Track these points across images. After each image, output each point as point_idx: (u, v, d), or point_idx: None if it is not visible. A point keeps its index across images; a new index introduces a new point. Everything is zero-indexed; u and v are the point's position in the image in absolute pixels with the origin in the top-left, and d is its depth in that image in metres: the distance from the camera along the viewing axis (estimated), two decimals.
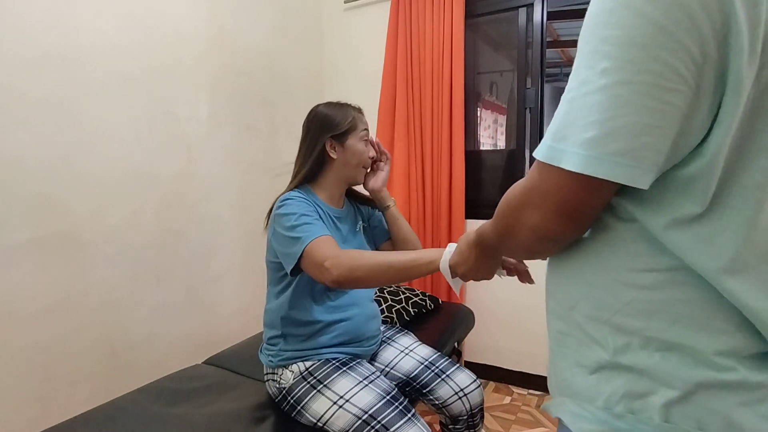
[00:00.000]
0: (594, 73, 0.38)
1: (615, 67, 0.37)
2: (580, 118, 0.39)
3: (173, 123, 1.63)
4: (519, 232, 0.48)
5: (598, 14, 0.39)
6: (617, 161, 0.37)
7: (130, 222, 1.50)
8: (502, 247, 0.59)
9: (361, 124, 1.15)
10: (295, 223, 1.00)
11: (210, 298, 1.81)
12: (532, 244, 0.49)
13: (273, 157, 2.09)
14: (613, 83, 0.37)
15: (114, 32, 1.42)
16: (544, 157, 0.42)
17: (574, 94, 0.40)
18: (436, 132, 2.09)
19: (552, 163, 0.41)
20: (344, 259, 0.91)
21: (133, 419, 1.06)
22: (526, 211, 0.46)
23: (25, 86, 1.21)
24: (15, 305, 1.22)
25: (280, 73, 2.14)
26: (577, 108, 0.39)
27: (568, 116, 0.40)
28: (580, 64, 0.40)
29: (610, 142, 0.37)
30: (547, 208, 0.44)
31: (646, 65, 0.36)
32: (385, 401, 1.00)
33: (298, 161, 1.16)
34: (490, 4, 2.10)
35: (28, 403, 1.25)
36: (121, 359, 1.48)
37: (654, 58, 0.35)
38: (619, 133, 0.37)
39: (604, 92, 0.37)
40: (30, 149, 1.23)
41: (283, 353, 1.11)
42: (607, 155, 0.38)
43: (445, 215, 2.10)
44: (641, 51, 0.36)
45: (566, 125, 0.40)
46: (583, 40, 0.40)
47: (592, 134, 0.38)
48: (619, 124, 0.37)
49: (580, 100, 0.39)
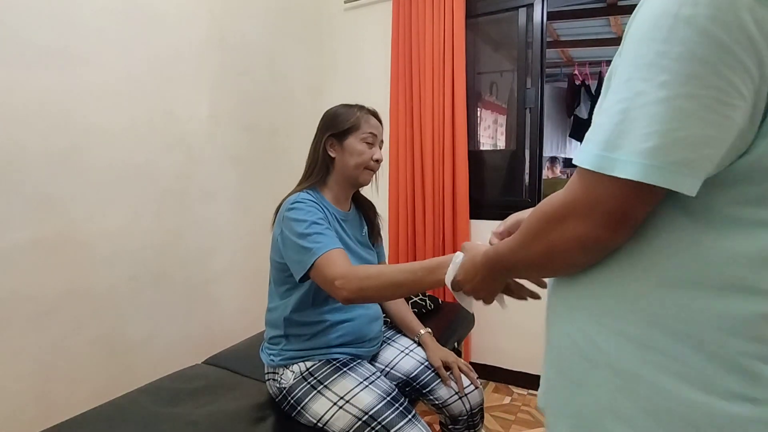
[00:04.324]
0: (652, 86, 0.39)
1: (676, 81, 0.38)
2: (639, 128, 0.39)
3: (173, 123, 1.63)
4: (561, 244, 0.47)
5: (653, 30, 0.39)
6: (677, 171, 0.38)
7: (130, 222, 1.50)
8: (532, 264, 0.55)
9: (366, 125, 1.13)
10: (306, 231, 0.99)
11: (210, 298, 1.81)
12: (575, 255, 0.48)
13: (273, 157, 2.09)
14: (676, 96, 0.38)
15: (114, 32, 1.42)
16: (594, 166, 0.42)
17: (628, 104, 0.40)
18: (437, 132, 2.09)
19: (604, 172, 0.41)
20: (354, 279, 0.89)
21: (133, 419, 1.06)
22: (570, 222, 0.45)
23: (25, 86, 1.21)
24: (15, 305, 1.22)
25: (280, 73, 2.14)
26: (633, 118, 0.40)
27: (622, 125, 0.40)
28: (632, 75, 0.40)
29: (672, 152, 0.38)
30: (595, 217, 0.44)
31: (709, 80, 0.37)
32: (385, 402, 1.00)
33: (307, 161, 1.17)
34: (490, 4, 2.10)
35: (28, 403, 1.25)
36: (121, 359, 1.48)
37: (717, 74, 0.37)
38: (682, 144, 0.38)
39: (665, 104, 0.38)
40: (30, 149, 1.23)
41: (285, 353, 1.11)
42: (668, 164, 0.38)
43: (449, 216, 2.09)
44: (704, 67, 0.37)
45: (620, 135, 0.41)
46: (633, 53, 0.41)
47: (652, 144, 0.39)
48: (682, 135, 0.38)
49: (637, 110, 0.40)
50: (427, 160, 2.12)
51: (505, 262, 0.59)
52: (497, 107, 2.39)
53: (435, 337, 1.28)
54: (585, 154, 0.43)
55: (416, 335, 1.28)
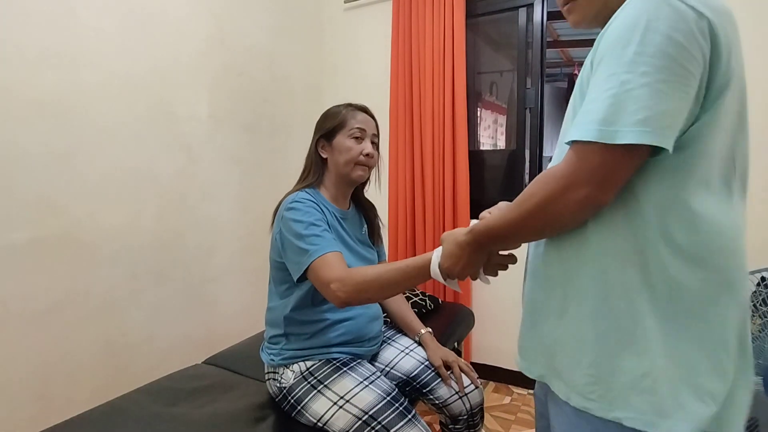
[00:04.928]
0: (635, 76, 0.52)
1: (653, 71, 0.52)
2: (630, 107, 0.52)
3: (173, 123, 1.63)
4: (563, 208, 0.57)
5: (628, 37, 0.53)
6: (663, 133, 0.52)
7: (130, 222, 1.50)
8: (527, 228, 0.63)
9: (353, 121, 1.12)
10: (304, 232, 1.00)
11: (210, 298, 1.81)
12: (576, 216, 0.58)
13: (273, 157, 2.09)
14: (655, 81, 0.51)
15: (114, 32, 1.42)
16: (597, 137, 0.53)
17: (616, 91, 0.53)
18: (437, 132, 2.09)
19: (606, 141, 0.52)
20: (351, 282, 0.91)
21: (133, 419, 1.06)
22: (572, 190, 0.55)
23: (25, 86, 1.21)
24: (15, 305, 1.22)
25: (280, 73, 2.14)
26: (623, 100, 0.52)
27: (615, 106, 0.53)
28: (616, 71, 0.53)
29: (658, 120, 0.51)
30: (595, 181, 0.54)
31: (675, 70, 0.52)
32: (385, 402, 1.00)
33: (305, 162, 1.19)
34: (491, 4, 2.11)
35: (28, 403, 1.25)
36: (121, 359, 1.48)
37: (680, 65, 0.52)
38: (663, 115, 0.52)
39: (647, 87, 0.51)
40: (30, 149, 1.23)
41: (285, 352, 1.11)
42: (657, 129, 0.51)
43: (449, 215, 2.09)
44: (671, 60, 0.51)
45: (615, 113, 0.53)
46: (613, 55, 0.54)
47: (643, 116, 0.51)
48: (663, 108, 0.52)
49: (625, 95, 0.52)
50: (427, 160, 2.12)
51: (496, 230, 0.67)
52: (497, 107, 2.39)
53: (435, 336, 1.28)
54: (584, 131, 0.54)
55: (416, 334, 1.28)
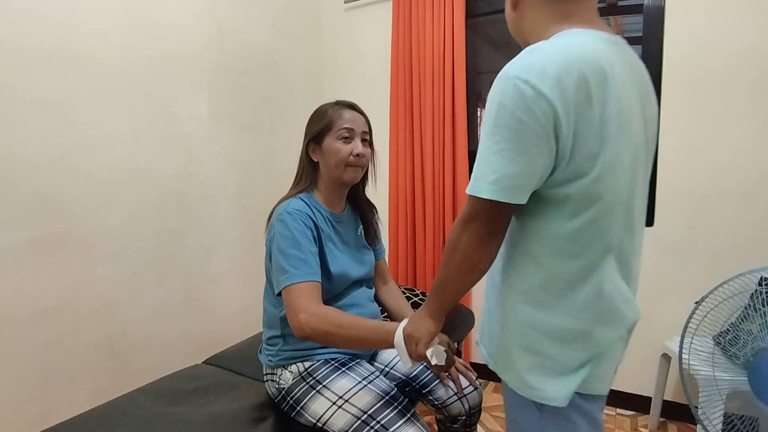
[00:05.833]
0: (492, 143, 0.66)
1: (502, 141, 0.65)
2: (487, 168, 0.66)
3: (173, 123, 1.63)
4: (468, 244, 0.71)
5: (489, 111, 0.67)
6: (509, 191, 0.65)
7: (130, 222, 1.50)
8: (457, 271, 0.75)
9: (340, 121, 1.10)
10: (289, 251, 1.01)
11: (210, 298, 1.81)
12: (482, 247, 0.72)
13: (273, 157, 2.09)
14: (502, 149, 0.65)
15: (114, 31, 1.42)
16: (470, 190, 0.69)
17: (481, 154, 0.68)
18: (437, 132, 2.09)
19: (476, 195, 0.68)
20: (322, 321, 0.94)
21: (133, 419, 1.06)
22: (470, 226, 0.71)
23: (24, 85, 1.22)
24: (15, 305, 1.22)
25: (280, 73, 2.14)
26: (484, 163, 0.67)
27: (479, 168, 0.68)
28: (484, 137, 0.68)
29: (505, 181, 0.65)
30: (481, 220, 0.70)
31: (519, 140, 0.64)
32: (384, 401, 1.00)
33: (297, 167, 1.19)
34: (491, 4, 2.11)
35: (28, 403, 1.25)
36: (121, 359, 1.48)
37: (522, 137, 0.63)
38: (509, 176, 0.65)
39: (498, 154, 0.65)
40: (29, 149, 1.23)
41: (282, 353, 1.11)
42: (504, 188, 0.65)
43: (449, 216, 2.09)
44: (515, 132, 0.64)
45: (479, 172, 0.68)
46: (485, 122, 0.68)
47: (494, 177, 0.66)
48: (509, 171, 0.65)
49: (485, 159, 0.67)
50: (427, 160, 2.12)
51: (440, 287, 0.80)
52: None
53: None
54: (469, 186, 0.69)
55: None
